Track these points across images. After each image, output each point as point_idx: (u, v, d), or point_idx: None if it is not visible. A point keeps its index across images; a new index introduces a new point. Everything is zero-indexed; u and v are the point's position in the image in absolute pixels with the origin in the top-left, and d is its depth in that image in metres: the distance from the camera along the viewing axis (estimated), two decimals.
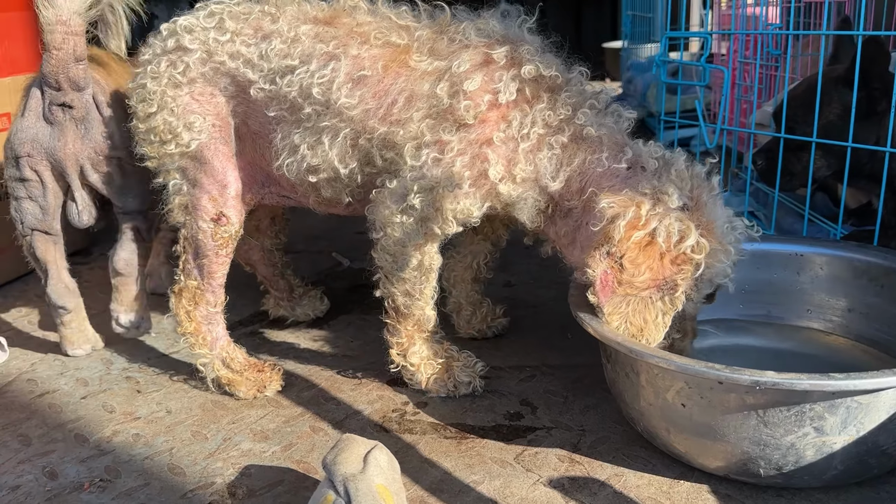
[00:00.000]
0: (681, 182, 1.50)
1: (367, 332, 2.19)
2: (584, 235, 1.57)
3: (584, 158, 1.56)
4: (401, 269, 1.68)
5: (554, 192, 1.58)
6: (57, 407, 1.83)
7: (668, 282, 1.45)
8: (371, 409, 1.76)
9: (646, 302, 1.46)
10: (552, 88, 1.59)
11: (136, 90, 1.77)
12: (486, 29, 1.64)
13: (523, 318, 2.22)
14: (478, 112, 1.55)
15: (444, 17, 1.68)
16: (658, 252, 1.44)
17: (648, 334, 1.47)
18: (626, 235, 1.42)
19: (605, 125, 1.58)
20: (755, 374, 1.26)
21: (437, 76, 1.59)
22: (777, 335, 1.86)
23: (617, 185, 1.53)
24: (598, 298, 1.46)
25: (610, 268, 1.44)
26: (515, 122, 1.55)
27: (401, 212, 1.62)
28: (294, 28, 1.68)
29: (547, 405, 1.74)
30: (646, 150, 1.56)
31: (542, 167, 1.56)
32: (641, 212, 1.44)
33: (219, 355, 1.86)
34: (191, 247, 1.82)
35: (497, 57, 1.58)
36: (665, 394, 1.40)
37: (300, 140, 1.69)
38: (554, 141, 1.56)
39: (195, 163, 1.76)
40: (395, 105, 1.61)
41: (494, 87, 1.56)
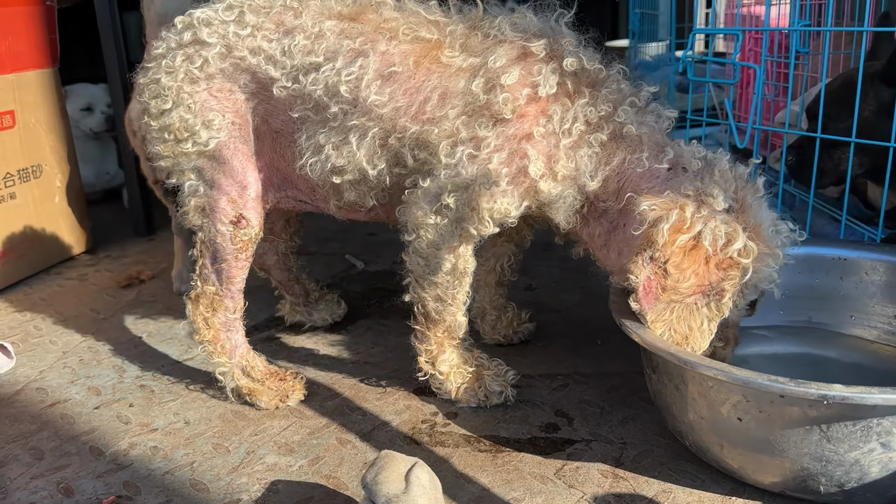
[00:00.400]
0: (725, 183, 1.43)
1: (386, 338, 2.11)
2: (620, 238, 1.50)
3: (623, 158, 1.49)
4: (433, 272, 1.60)
5: (591, 191, 1.51)
6: (69, 417, 1.75)
7: (713, 287, 1.39)
8: (399, 419, 1.69)
9: (691, 308, 1.39)
10: (593, 83, 1.52)
11: (148, 85, 1.68)
12: (522, 23, 1.57)
13: (548, 323, 2.15)
14: (516, 106, 1.48)
15: (475, 12, 1.61)
16: (704, 256, 1.37)
17: (694, 342, 1.40)
18: (671, 239, 1.35)
19: (646, 124, 1.51)
20: (822, 387, 1.19)
21: (472, 72, 1.52)
22: (819, 342, 1.79)
23: (657, 187, 1.46)
24: (641, 305, 1.39)
25: (653, 273, 1.37)
26: (556, 116, 1.48)
27: (435, 212, 1.54)
28: (318, 24, 1.61)
29: (583, 416, 1.66)
30: (688, 151, 1.49)
31: (581, 165, 1.49)
32: (686, 214, 1.37)
33: (238, 364, 1.78)
34: (208, 251, 1.74)
35: (535, 49, 1.51)
36: (720, 407, 1.33)
37: (325, 140, 1.62)
38: (594, 139, 1.49)
39: (213, 163, 1.68)
40: (427, 103, 1.54)
41: (533, 80, 1.49)
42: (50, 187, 2.76)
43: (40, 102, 2.70)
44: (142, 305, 2.40)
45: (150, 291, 2.52)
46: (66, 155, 2.83)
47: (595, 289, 2.38)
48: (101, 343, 2.14)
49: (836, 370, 1.72)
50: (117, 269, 2.74)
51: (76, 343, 2.14)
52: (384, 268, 2.67)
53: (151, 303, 2.42)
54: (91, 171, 3.49)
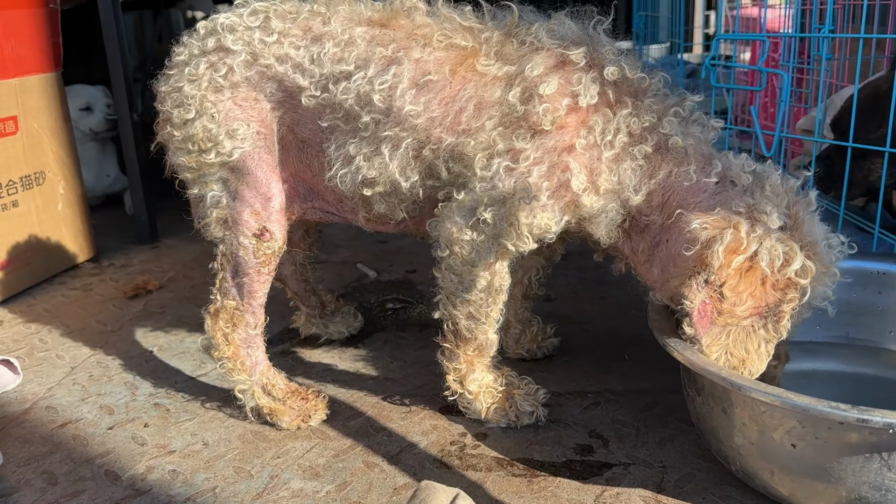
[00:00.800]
0: (777, 198, 1.37)
1: (405, 352, 2.05)
2: (665, 254, 1.44)
3: (669, 171, 1.43)
4: (467, 290, 1.54)
5: (634, 206, 1.45)
6: (82, 439, 1.68)
7: (771, 309, 1.33)
8: (426, 441, 1.63)
9: (747, 331, 1.34)
10: (635, 93, 1.46)
11: (170, 94, 1.62)
12: (560, 30, 1.50)
13: (572, 336, 2.09)
14: (556, 117, 1.42)
15: (511, 18, 1.54)
16: (760, 277, 1.31)
17: (751, 365, 1.35)
18: (727, 261, 1.29)
19: (692, 135, 1.45)
20: (888, 415, 1.14)
21: (508, 81, 1.46)
22: (857, 358, 1.74)
23: (705, 202, 1.40)
24: (696, 330, 1.33)
25: (709, 297, 1.31)
26: (598, 127, 1.42)
27: (470, 227, 1.48)
28: (348, 30, 1.54)
29: (618, 437, 1.61)
30: (736, 164, 1.43)
31: (625, 178, 1.43)
32: (741, 234, 1.30)
33: (259, 381, 1.71)
34: (230, 264, 1.68)
35: (575, 58, 1.44)
36: (772, 433, 1.27)
37: (356, 150, 1.55)
38: (637, 151, 1.43)
39: (237, 173, 1.62)
40: (463, 113, 1.48)
41: (573, 89, 1.43)
42: (52, 194, 2.68)
43: (43, 107, 2.62)
44: (150, 317, 2.33)
45: (158, 302, 2.45)
46: (70, 161, 2.76)
47: (615, 299, 2.33)
48: (111, 357, 2.07)
49: (876, 388, 1.68)
50: (122, 278, 2.67)
51: (84, 357, 2.07)
52: (397, 277, 2.61)
53: (160, 314, 2.35)
54: (91, 175, 3.41)
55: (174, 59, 1.65)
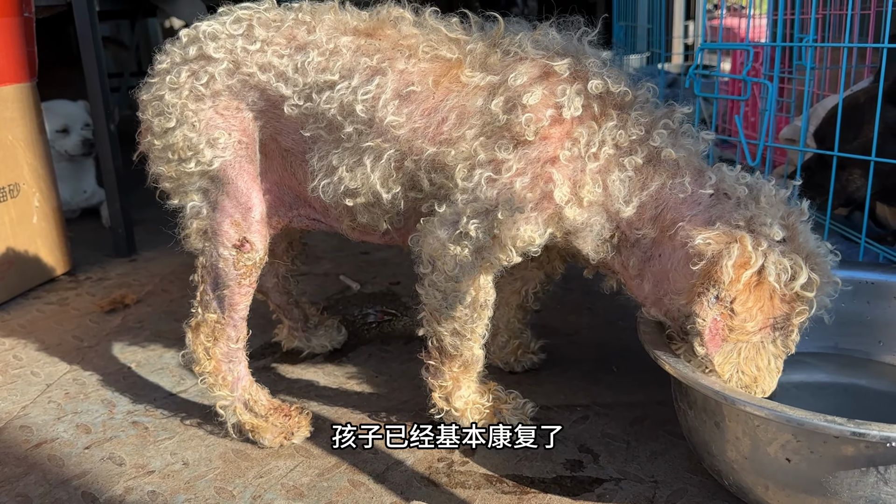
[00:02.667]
0: (772, 210, 1.35)
1: (390, 365, 2.02)
2: (658, 269, 1.42)
3: (662, 183, 1.40)
4: (451, 306, 1.51)
5: (625, 218, 1.42)
6: (58, 459, 1.63)
7: (779, 323, 1.31)
8: (413, 458, 1.59)
9: (758, 348, 1.32)
10: (621, 106, 1.43)
11: (151, 102, 1.58)
12: (545, 41, 1.48)
13: (559, 347, 2.07)
14: (539, 127, 1.39)
15: (497, 29, 1.52)
16: (769, 292, 1.29)
17: (762, 383, 1.33)
18: (737, 276, 1.26)
19: (683, 147, 1.43)
20: (885, 428, 1.12)
21: (491, 90, 1.44)
22: (847, 369, 1.72)
23: (700, 215, 1.37)
24: (708, 349, 1.30)
25: (720, 314, 1.28)
26: (582, 139, 1.39)
27: (453, 241, 1.45)
28: (333, 39, 1.51)
29: (609, 452, 1.58)
30: (729, 176, 1.41)
31: (613, 190, 1.40)
32: (748, 248, 1.28)
33: (241, 397, 1.67)
34: (210, 276, 1.64)
35: (559, 69, 1.42)
36: (766, 447, 1.25)
37: (338, 161, 1.52)
38: (627, 162, 1.40)
39: (217, 183, 1.58)
40: (445, 123, 1.45)
41: (557, 101, 1.40)
42: (28, 207, 2.63)
43: (18, 118, 2.57)
44: (128, 332, 2.28)
45: (136, 317, 2.40)
46: (45, 173, 2.70)
47: (602, 310, 2.31)
48: (88, 374, 2.01)
49: (866, 399, 1.66)
50: (99, 292, 2.61)
51: (60, 374, 2.02)
52: (380, 289, 2.57)
53: (138, 329, 2.30)
54: (67, 190, 3.35)
55: (156, 68, 1.61)
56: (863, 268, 1.76)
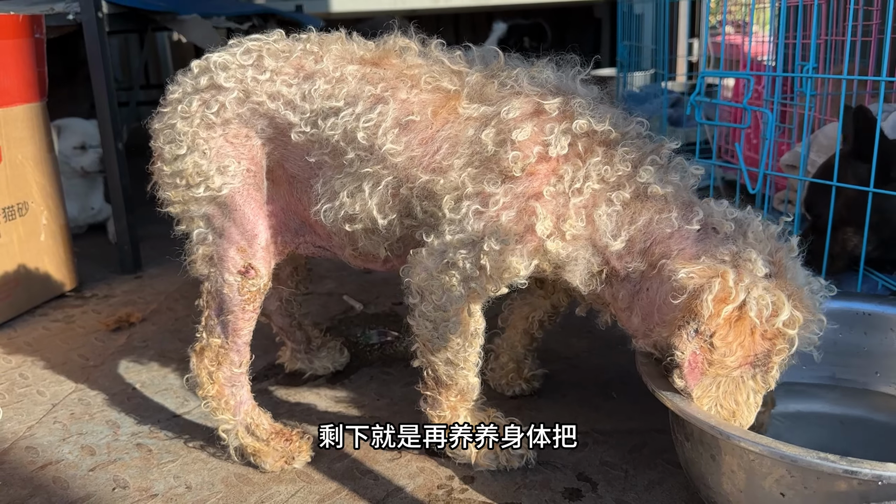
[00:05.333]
0: (759, 245, 1.37)
1: (392, 389, 2.04)
2: (645, 301, 1.43)
3: (650, 218, 1.42)
4: (442, 336, 1.53)
5: (614, 252, 1.44)
6: (62, 481, 1.65)
7: (759, 359, 1.33)
8: (413, 484, 1.61)
9: (737, 382, 1.34)
10: (607, 143, 1.46)
11: (163, 130, 1.62)
12: (540, 78, 1.52)
13: (560, 372, 2.09)
14: (526, 164, 1.42)
15: (497, 63, 1.56)
16: (749, 328, 1.30)
17: (741, 417, 1.34)
18: (716, 311, 1.28)
19: (671, 182, 1.45)
20: (876, 466, 1.14)
21: (483, 121, 1.47)
22: (844, 400, 1.74)
23: (688, 249, 1.39)
24: (687, 382, 1.32)
25: (699, 347, 1.30)
26: (567, 176, 1.42)
27: (440, 271, 1.47)
28: (339, 68, 1.55)
29: (607, 480, 1.60)
30: (717, 210, 1.43)
31: (600, 224, 1.42)
32: (729, 283, 1.30)
33: (243, 421, 1.69)
34: (214, 301, 1.66)
35: (549, 108, 1.45)
36: (761, 481, 1.27)
37: (340, 186, 1.55)
38: (615, 197, 1.42)
39: (224, 210, 1.61)
40: (438, 152, 1.48)
41: (545, 138, 1.43)
42: (35, 225, 2.66)
43: (27, 138, 2.60)
44: (133, 351, 2.30)
45: (141, 335, 2.42)
46: (53, 191, 2.73)
47: (602, 333, 2.30)
48: (93, 394, 2.04)
49: (863, 430, 1.68)
50: (105, 310, 2.64)
51: (66, 394, 2.04)
52: (383, 309, 2.60)
53: (143, 348, 2.32)
54: (75, 207, 3.39)
55: (168, 97, 1.65)
56: (860, 299, 1.79)
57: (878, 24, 2.74)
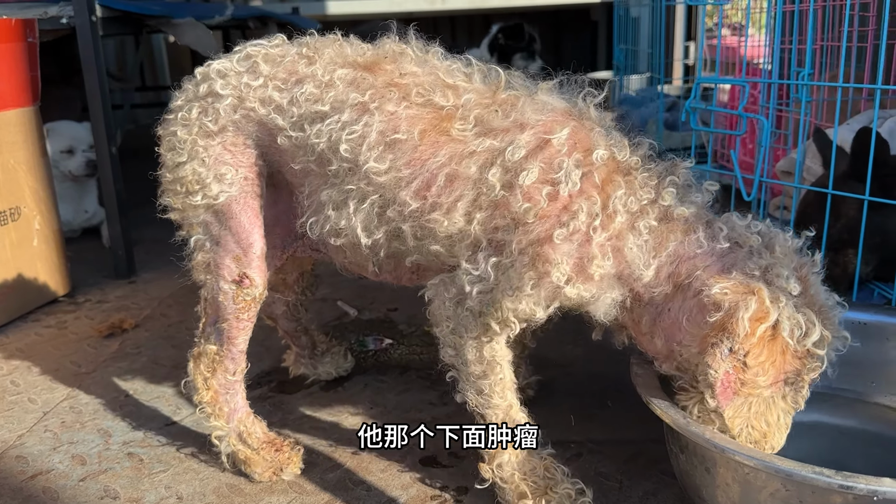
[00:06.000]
0: (786, 260, 1.33)
1: (386, 396, 2.03)
2: (669, 322, 1.38)
3: (679, 241, 1.37)
4: (464, 362, 1.48)
5: (645, 283, 1.38)
6: (52, 492, 1.63)
7: (789, 378, 1.31)
8: (406, 495, 1.60)
9: (768, 403, 1.32)
10: (626, 170, 1.40)
11: (165, 138, 1.62)
12: (546, 104, 1.44)
13: (555, 380, 2.08)
14: (537, 210, 1.35)
15: (497, 81, 1.49)
16: (781, 347, 1.28)
17: (772, 439, 1.33)
18: (752, 330, 1.25)
19: (693, 203, 1.40)
20: (871, 482, 1.13)
21: (488, 158, 1.39)
22: (839, 410, 1.73)
23: (713, 265, 1.34)
24: (719, 402, 1.29)
25: (732, 367, 1.27)
26: (582, 212, 1.34)
27: (455, 304, 1.44)
28: (329, 72, 1.52)
29: (601, 491, 1.59)
30: (740, 225, 1.39)
31: (631, 258, 1.36)
32: (765, 302, 1.26)
33: (236, 429, 1.68)
34: (211, 308, 1.66)
35: (556, 142, 1.37)
36: (756, 494, 1.26)
37: (326, 198, 1.52)
38: (642, 226, 1.36)
39: (220, 218, 1.60)
40: (433, 183, 1.41)
41: (553, 176, 1.35)
42: (28, 230, 2.64)
43: (20, 142, 2.59)
44: (126, 358, 2.29)
45: (134, 342, 2.41)
46: (46, 196, 2.72)
47: (597, 342, 2.30)
48: (85, 402, 2.02)
49: (858, 441, 1.67)
50: (98, 315, 2.62)
51: (57, 401, 2.03)
52: (378, 315, 2.59)
53: (136, 355, 2.31)
54: (69, 211, 3.38)
55: (172, 104, 1.64)
56: (856, 308, 1.77)
57: (875, 30, 2.73)
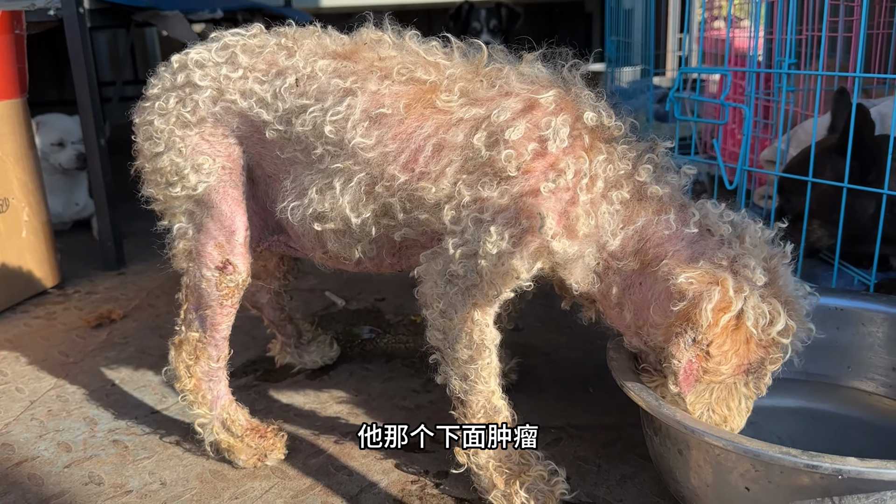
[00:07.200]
0: (756, 251, 1.34)
1: (370, 384, 2.04)
2: (638, 297, 1.40)
3: (648, 219, 1.39)
4: (452, 346, 1.48)
5: (609, 251, 1.40)
6: (38, 478, 1.65)
7: (753, 366, 1.33)
8: (387, 480, 1.62)
9: (730, 388, 1.34)
10: (609, 139, 1.42)
11: (142, 126, 1.62)
12: (531, 74, 1.46)
13: (538, 367, 2.10)
14: (521, 162, 1.36)
15: (479, 57, 1.50)
16: (745, 336, 1.29)
17: (732, 423, 1.35)
18: (715, 320, 1.26)
19: (668, 183, 1.42)
20: (836, 461, 1.15)
21: (474, 125, 1.41)
22: (814, 394, 1.75)
23: (682, 251, 1.36)
24: (681, 388, 1.31)
25: (695, 356, 1.29)
26: (569, 170, 1.35)
27: (444, 281, 1.44)
28: (311, 63, 1.53)
29: (579, 475, 1.61)
30: (713, 213, 1.40)
31: (603, 223, 1.38)
32: (728, 292, 1.27)
33: (219, 416, 1.70)
34: (193, 296, 1.67)
35: (544, 101, 1.39)
36: (727, 475, 1.28)
37: (309, 182, 1.52)
38: (615, 196, 1.38)
39: (201, 207, 1.61)
40: (420, 153, 1.43)
41: (541, 133, 1.37)
42: (17, 221, 2.66)
43: (8, 134, 2.60)
44: (113, 348, 2.31)
45: (122, 332, 2.42)
46: (34, 187, 2.73)
47: (581, 329, 2.31)
48: (72, 391, 2.04)
49: (834, 424, 1.69)
50: (87, 306, 2.64)
51: (44, 391, 2.04)
52: (365, 305, 2.60)
53: (123, 345, 2.32)
54: (59, 203, 3.39)
55: (148, 92, 1.64)
56: (832, 294, 1.80)
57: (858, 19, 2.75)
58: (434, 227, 1.46)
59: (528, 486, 1.46)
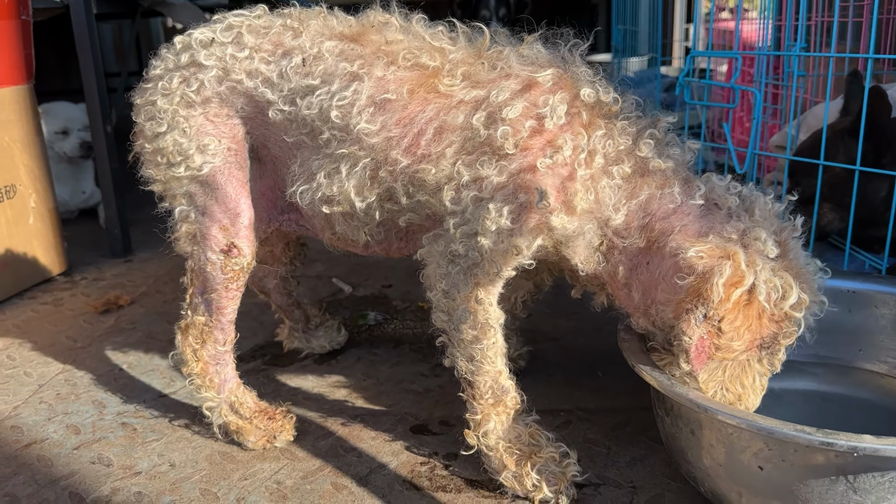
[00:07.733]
0: (766, 223, 1.32)
1: (378, 369, 2.04)
2: (646, 277, 1.39)
3: (651, 193, 1.37)
4: (457, 327, 1.48)
5: (613, 227, 1.39)
6: (47, 460, 1.65)
7: (766, 342, 1.31)
8: (397, 461, 1.61)
9: (743, 365, 1.33)
10: (608, 115, 1.41)
11: (143, 107, 1.61)
12: (530, 55, 1.46)
13: (546, 352, 2.09)
14: (518, 139, 1.36)
15: (482, 41, 1.50)
16: (758, 311, 1.27)
17: (746, 401, 1.34)
18: (727, 296, 1.24)
19: (672, 157, 1.40)
20: (852, 438, 1.14)
21: (474, 107, 1.41)
22: (826, 377, 1.74)
23: (690, 225, 1.34)
24: (693, 366, 1.29)
25: (707, 332, 1.27)
26: (567, 147, 1.35)
27: (448, 262, 1.44)
28: (317, 44, 1.52)
29: (589, 457, 1.60)
30: (720, 185, 1.38)
31: (603, 197, 1.37)
32: (740, 266, 1.26)
33: (227, 399, 1.69)
34: (198, 279, 1.66)
35: (542, 80, 1.40)
36: (740, 455, 1.27)
37: (317, 167, 1.52)
38: (616, 171, 1.37)
39: (206, 188, 1.60)
40: (422, 136, 1.43)
41: (538, 111, 1.37)
42: (24, 208, 2.65)
43: (14, 120, 2.59)
44: (121, 333, 2.30)
45: (129, 318, 2.42)
46: (41, 174, 2.73)
47: (590, 315, 2.31)
48: (80, 375, 2.04)
49: (846, 407, 1.68)
50: (94, 292, 2.64)
51: (53, 375, 2.04)
52: (373, 292, 2.60)
53: (131, 330, 2.32)
54: (66, 191, 3.39)
55: (150, 73, 1.63)
56: (844, 276, 1.78)
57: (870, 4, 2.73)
58: (436, 209, 1.46)
59: (539, 467, 1.46)
